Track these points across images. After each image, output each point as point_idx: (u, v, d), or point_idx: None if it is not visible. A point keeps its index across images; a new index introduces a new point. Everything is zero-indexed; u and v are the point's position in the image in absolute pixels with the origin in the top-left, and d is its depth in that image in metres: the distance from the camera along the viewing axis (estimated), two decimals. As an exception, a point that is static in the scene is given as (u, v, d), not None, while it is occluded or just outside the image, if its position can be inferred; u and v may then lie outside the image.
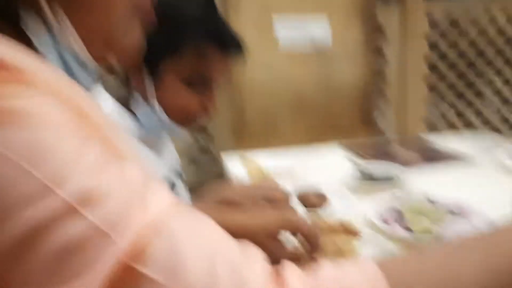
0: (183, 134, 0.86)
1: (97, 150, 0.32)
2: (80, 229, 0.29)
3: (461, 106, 2.80)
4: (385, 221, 0.84)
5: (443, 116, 2.80)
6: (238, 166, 1.29)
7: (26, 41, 0.38)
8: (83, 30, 0.41)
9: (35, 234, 0.28)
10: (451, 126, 2.82)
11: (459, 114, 2.80)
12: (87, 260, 0.29)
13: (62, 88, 0.34)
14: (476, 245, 0.38)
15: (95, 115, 0.35)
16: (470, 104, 2.80)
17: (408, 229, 0.79)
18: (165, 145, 0.93)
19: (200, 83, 0.80)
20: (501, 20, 2.68)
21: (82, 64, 0.43)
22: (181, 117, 0.82)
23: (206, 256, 0.33)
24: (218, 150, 2.29)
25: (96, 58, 0.44)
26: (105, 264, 0.29)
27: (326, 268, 0.37)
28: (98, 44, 0.43)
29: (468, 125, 2.83)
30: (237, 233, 0.64)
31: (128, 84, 0.82)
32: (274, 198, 0.74)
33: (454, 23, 2.67)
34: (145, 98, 0.80)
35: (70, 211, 0.29)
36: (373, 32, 2.47)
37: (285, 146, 1.54)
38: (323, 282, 0.36)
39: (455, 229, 0.76)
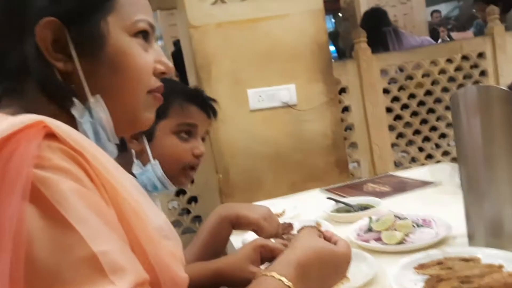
0: (172, 189, 1.02)
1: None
2: None
3: (420, 142, 3.06)
4: (365, 241, 1.02)
5: (407, 152, 3.05)
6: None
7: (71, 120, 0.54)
8: (114, 112, 0.57)
9: None
10: (415, 161, 3.06)
11: (420, 149, 3.06)
12: None
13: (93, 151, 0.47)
14: None
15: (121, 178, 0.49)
16: (427, 138, 3.06)
17: (384, 244, 0.97)
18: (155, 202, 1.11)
19: (187, 131, 1.01)
20: (441, 60, 3.02)
21: (108, 137, 0.58)
22: (177, 167, 1.00)
23: None
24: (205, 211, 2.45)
25: (119, 133, 0.59)
26: None
27: None
28: (123, 122, 0.59)
29: (430, 157, 3.08)
30: (226, 271, 0.82)
31: (124, 150, 0.99)
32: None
33: (401, 69, 3.00)
34: (143, 160, 0.97)
35: None
36: (333, 86, 2.73)
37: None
38: None
39: (421, 236, 0.95)
